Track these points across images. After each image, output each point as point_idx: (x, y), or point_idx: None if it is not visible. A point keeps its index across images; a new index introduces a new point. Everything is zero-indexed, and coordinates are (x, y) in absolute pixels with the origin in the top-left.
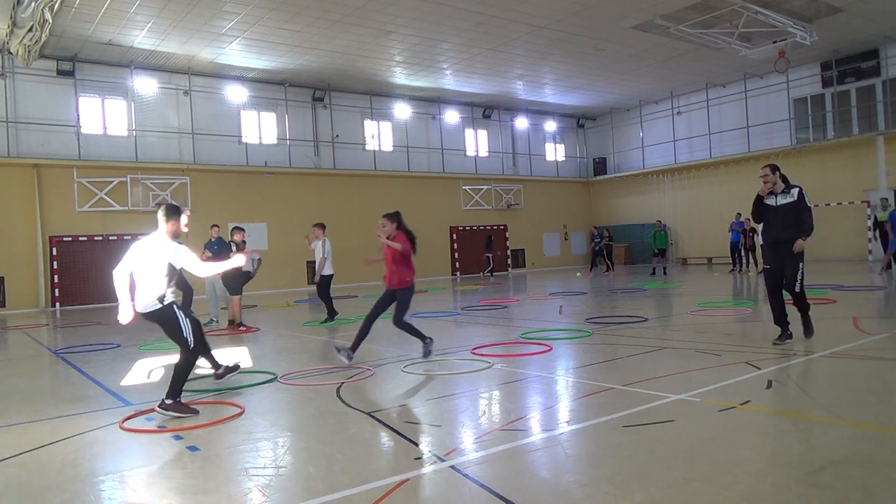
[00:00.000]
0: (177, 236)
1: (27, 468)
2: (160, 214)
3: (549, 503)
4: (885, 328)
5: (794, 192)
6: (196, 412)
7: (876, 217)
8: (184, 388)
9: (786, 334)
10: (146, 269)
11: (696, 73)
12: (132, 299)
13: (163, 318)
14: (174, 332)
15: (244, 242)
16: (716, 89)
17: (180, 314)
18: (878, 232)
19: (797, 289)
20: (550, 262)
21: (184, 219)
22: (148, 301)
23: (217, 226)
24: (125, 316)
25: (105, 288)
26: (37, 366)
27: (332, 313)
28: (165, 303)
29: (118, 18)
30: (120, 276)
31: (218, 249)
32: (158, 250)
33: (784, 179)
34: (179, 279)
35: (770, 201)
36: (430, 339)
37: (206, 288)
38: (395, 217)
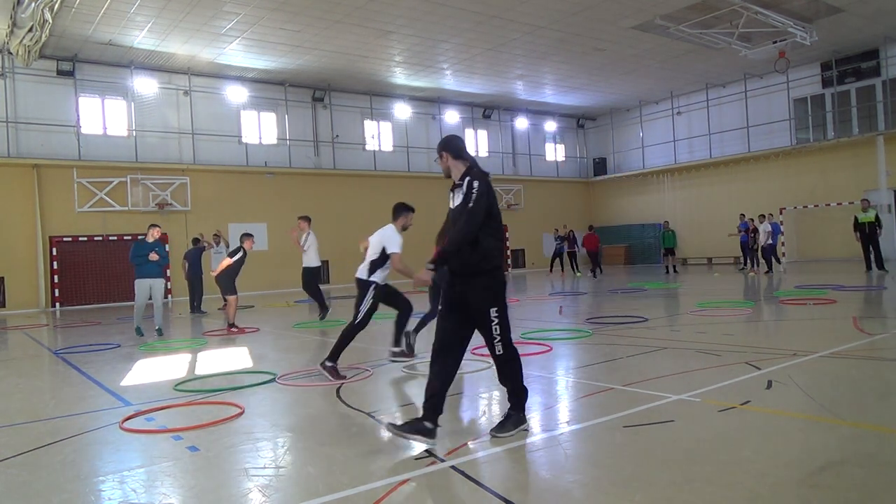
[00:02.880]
0: (404, 228)
1: (27, 468)
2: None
3: (548, 503)
4: (885, 328)
5: (465, 184)
6: (344, 377)
7: (857, 218)
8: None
9: (422, 427)
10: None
11: (696, 73)
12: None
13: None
14: (358, 303)
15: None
16: (716, 89)
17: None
18: (858, 234)
19: (498, 350)
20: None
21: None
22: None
23: (157, 225)
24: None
25: (105, 288)
26: (37, 366)
27: (323, 308)
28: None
29: (118, 18)
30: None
31: (159, 252)
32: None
33: (471, 165)
34: (192, 278)
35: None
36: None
37: (141, 297)
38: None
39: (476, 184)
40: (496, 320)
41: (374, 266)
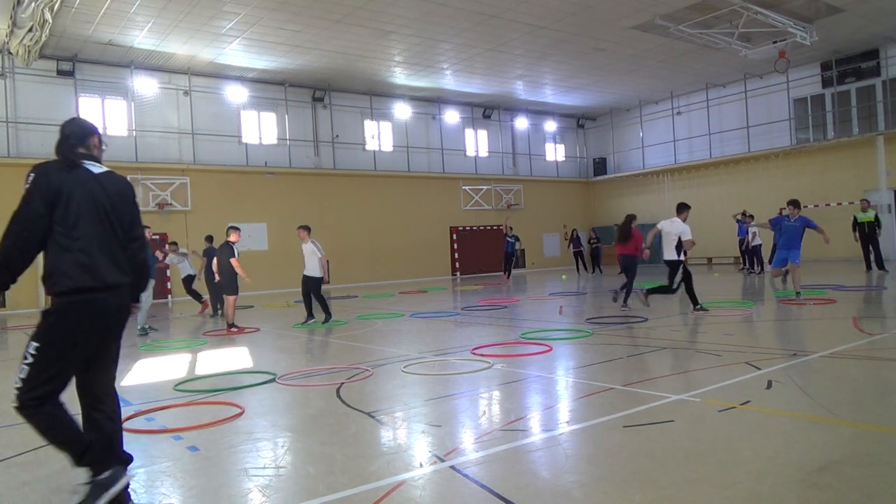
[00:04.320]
0: (684, 220)
1: (28, 468)
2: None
3: (548, 503)
4: (885, 328)
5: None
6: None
7: (856, 218)
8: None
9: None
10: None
11: (696, 73)
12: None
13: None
14: (671, 275)
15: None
16: (716, 89)
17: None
18: (857, 233)
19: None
20: (550, 263)
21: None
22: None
23: (148, 226)
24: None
25: None
26: None
27: (328, 313)
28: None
29: (118, 18)
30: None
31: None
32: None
33: (61, 156)
34: (207, 275)
35: None
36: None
37: (149, 297)
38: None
39: (30, 178)
40: (28, 358)
41: (677, 248)
